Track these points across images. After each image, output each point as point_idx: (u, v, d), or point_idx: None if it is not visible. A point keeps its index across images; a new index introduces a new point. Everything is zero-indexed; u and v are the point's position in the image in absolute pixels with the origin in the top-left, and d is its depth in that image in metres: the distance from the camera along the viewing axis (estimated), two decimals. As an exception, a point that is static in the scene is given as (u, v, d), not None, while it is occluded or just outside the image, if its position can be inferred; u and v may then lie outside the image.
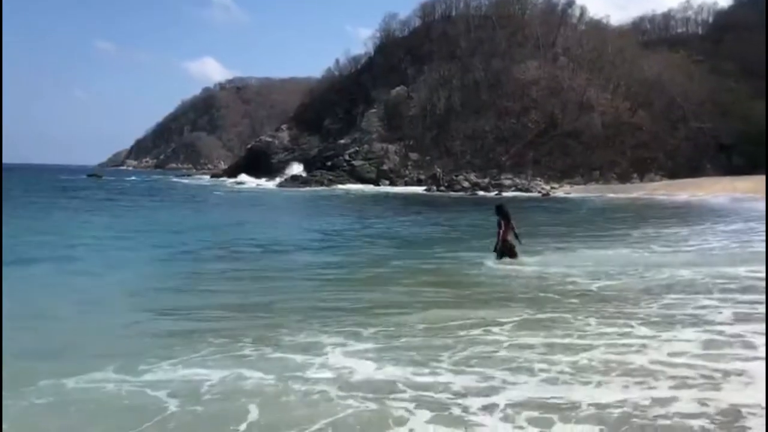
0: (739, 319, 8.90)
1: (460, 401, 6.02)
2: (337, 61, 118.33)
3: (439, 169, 79.23)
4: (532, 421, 5.53)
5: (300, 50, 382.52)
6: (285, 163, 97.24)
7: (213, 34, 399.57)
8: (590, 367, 6.92)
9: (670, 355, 7.28)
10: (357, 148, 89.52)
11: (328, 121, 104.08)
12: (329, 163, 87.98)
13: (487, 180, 76.46)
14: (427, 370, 6.91)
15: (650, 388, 6.25)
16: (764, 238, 18.37)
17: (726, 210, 34.25)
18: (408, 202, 51.08)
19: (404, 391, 6.30)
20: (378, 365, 7.15)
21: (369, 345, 8.01)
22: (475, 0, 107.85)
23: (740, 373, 6.57)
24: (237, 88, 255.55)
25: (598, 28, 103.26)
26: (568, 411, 5.71)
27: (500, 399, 6.05)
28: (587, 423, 5.46)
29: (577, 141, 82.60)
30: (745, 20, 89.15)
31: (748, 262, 14.30)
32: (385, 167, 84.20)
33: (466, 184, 74.09)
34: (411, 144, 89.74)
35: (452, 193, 68.67)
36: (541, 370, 6.85)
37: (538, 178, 78.11)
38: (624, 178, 77.02)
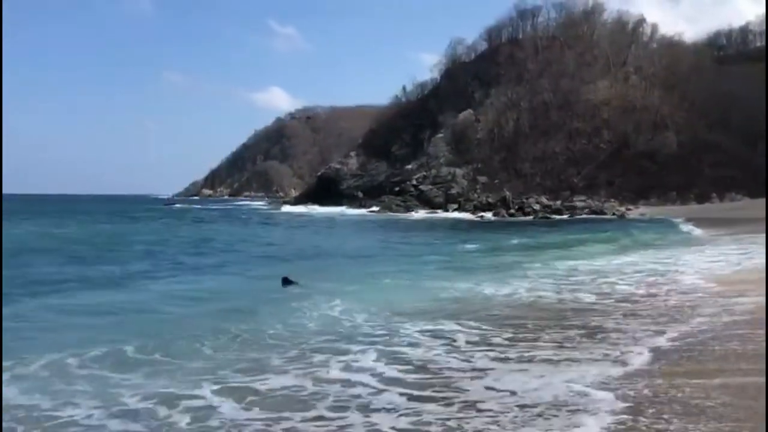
0: None
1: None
2: (404, 87, 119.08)
3: (508, 192, 78.16)
4: None
5: (362, 77, 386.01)
6: (354, 189, 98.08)
7: (278, 64, 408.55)
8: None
9: None
10: (424, 173, 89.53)
11: (395, 147, 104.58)
12: (397, 189, 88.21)
13: (558, 202, 74.97)
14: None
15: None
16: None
17: None
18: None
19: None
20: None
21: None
22: (543, 22, 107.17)
23: None
24: (307, 118, 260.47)
25: (671, 45, 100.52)
26: None
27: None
28: None
29: (651, 161, 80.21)
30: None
31: None
32: (453, 191, 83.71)
33: (536, 206, 72.79)
34: (479, 167, 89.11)
35: (522, 218, 67.59)
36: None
37: (612, 200, 76.07)
38: (702, 199, 74.11)
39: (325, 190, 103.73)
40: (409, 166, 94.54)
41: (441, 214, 74.31)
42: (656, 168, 79.37)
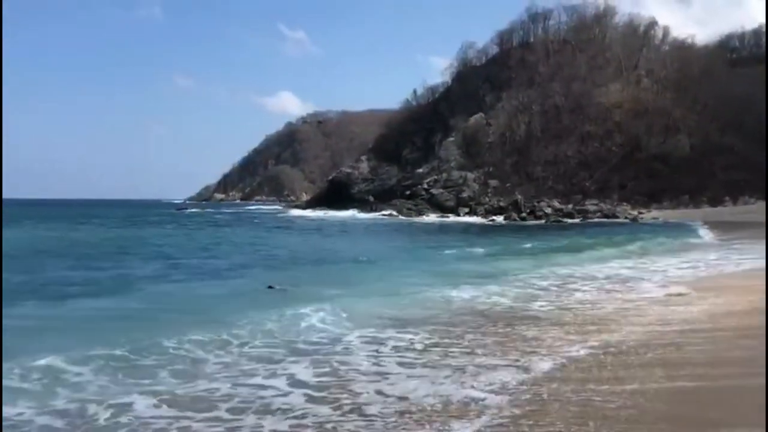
0: None
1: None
2: (415, 91, 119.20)
3: (519, 196, 78.02)
4: None
5: (372, 81, 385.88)
6: (365, 194, 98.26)
7: (288, 69, 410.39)
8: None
9: None
10: (436, 177, 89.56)
11: (406, 151, 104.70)
12: (408, 193, 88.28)
13: (570, 206, 74.77)
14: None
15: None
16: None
17: None
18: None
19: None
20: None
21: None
22: (554, 25, 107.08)
23: None
24: (318, 122, 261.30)
25: (682, 47, 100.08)
26: None
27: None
28: None
29: (664, 164, 79.83)
30: None
31: None
32: (464, 195, 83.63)
33: (548, 210, 72.63)
34: (490, 171, 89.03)
35: (534, 221, 67.54)
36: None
37: (624, 204, 75.78)
38: (715, 202, 73.68)
39: (336, 195, 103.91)
40: (420, 170, 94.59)
41: (452, 218, 74.27)
42: (668, 171, 78.97)
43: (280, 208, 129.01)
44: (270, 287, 16.69)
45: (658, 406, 6.61)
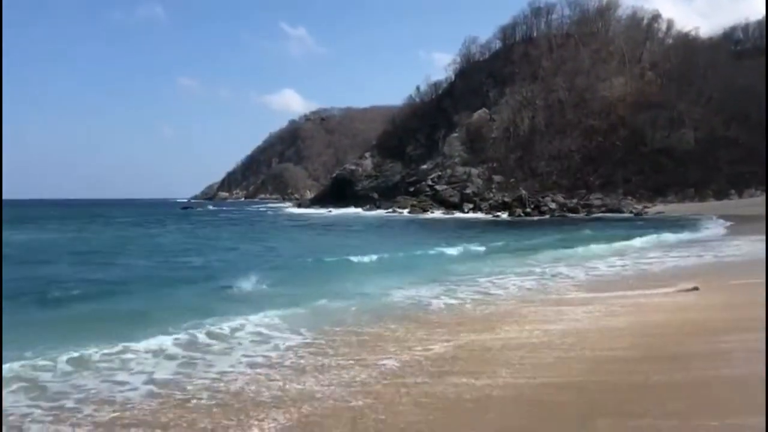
0: None
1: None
2: (418, 87, 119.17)
3: (524, 191, 77.79)
4: None
5: (375, 78, 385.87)
6: (369, 191, 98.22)
7: (291, 67, 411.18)
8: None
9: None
10: (439, 173, 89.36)
11: (410, 148, 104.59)
12: (412, 189, 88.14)
13: (575, 201, 74.54)
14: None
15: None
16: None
17: None
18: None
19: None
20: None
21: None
22: (557, 19, 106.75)
23: None
24: (321, 119, 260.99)
25: (687, 40, 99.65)
26: None
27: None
28: None
29: (668, 158, 79.52)
30: None
31: None
32: (468, 191, 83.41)
33: (553, 205, 72.42)
34: (494, 166, 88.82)
35: (536, 217, 67.29)
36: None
37: (629, 198, 75.51)
38: (721, 196, 73.35)
39: (339, 192, 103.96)
40: (424, 167, 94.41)
41: (457, 214, 74.08)
42: (673, 165, 78.67)
43: (287, 205, 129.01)
44: (232, 287, 16.34)
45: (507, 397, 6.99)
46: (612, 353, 8.78)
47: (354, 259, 22.30)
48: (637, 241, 29.06)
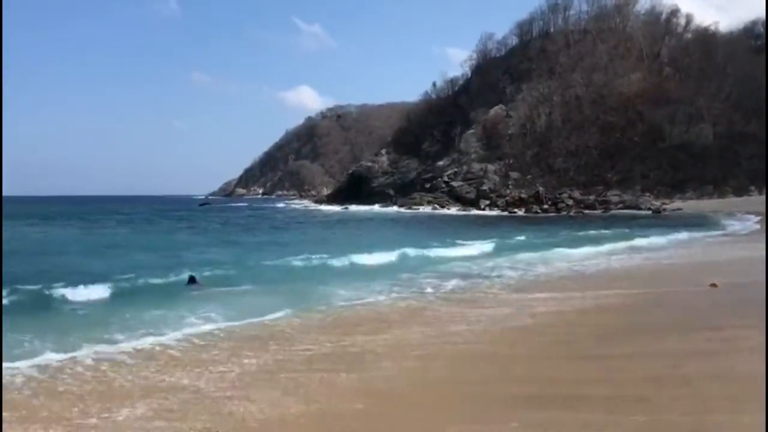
0: None
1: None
2: (434, 84, 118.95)
3: (541, 188, 77.57)
4: None
5: (390, 74, 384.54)
6: (385, 187, 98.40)
7: (305, 63, 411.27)
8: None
9: None
10: (456, 169, 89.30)
11: (426, 144, 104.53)
12: (428, 185, 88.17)
13: (592, 197, 74.22)
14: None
15: None
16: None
17: None
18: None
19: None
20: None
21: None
22: (574, 15, 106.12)
23: None
24: (337, 116, 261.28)
25: (706, 35, 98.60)
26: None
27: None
28: None
29: (687, 154, 78.90)
30: None
31: None
32: (484, 187, 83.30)
33: (570, 201, 72.19)
34: (511, 163, 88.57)
35: (552, 214, 67.06)
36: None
37: (647, 194, 75.06)
38: (740, 192, 72.71)
39: (356, 188, 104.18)
40: (441, 163, 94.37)
41: (474, 211, 73.98)
42: (692, 161, 78.06)
43: (306, 203, 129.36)
44: (193, 281, 16.44)
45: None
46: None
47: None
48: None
